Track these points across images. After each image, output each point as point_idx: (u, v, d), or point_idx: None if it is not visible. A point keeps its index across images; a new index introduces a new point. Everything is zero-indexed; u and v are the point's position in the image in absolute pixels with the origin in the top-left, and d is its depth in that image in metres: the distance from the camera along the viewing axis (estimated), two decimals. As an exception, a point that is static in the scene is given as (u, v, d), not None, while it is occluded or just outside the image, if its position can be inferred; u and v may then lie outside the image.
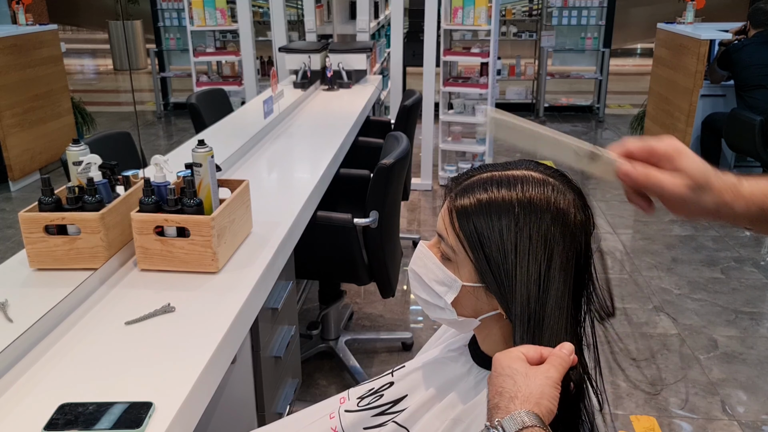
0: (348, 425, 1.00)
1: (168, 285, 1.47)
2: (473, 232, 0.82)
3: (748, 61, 4.21)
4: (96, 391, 1.09)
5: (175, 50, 7.23)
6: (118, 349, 1.22)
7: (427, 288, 0.89)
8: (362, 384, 1.08)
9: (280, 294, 1.77)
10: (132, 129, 2.45)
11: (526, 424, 0.67)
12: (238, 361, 1.54)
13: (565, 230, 0.82)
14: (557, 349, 0.76)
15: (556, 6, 6.88)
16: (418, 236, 4.06)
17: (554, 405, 0.71)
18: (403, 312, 3.19)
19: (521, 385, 0.71)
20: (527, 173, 0.85)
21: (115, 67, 5.90)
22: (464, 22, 4.58)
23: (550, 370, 0.73)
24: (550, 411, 0.70)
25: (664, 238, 3.98)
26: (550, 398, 0.71)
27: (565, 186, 0.85)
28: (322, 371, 2.71)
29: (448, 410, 0.89)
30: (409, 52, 6.08)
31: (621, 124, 6.74)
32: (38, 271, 1.47)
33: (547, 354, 0.76)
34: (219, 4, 5.02)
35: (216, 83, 5.15)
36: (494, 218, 0.81)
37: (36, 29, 3.98)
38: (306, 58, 3.77)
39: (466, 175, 0.88)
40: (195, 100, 3.16)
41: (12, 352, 1.18)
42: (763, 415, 2.41)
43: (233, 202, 1.60)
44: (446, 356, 0.98)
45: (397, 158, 2.23)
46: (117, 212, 1.51)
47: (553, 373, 0.73)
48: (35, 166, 3.62)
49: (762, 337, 2.88)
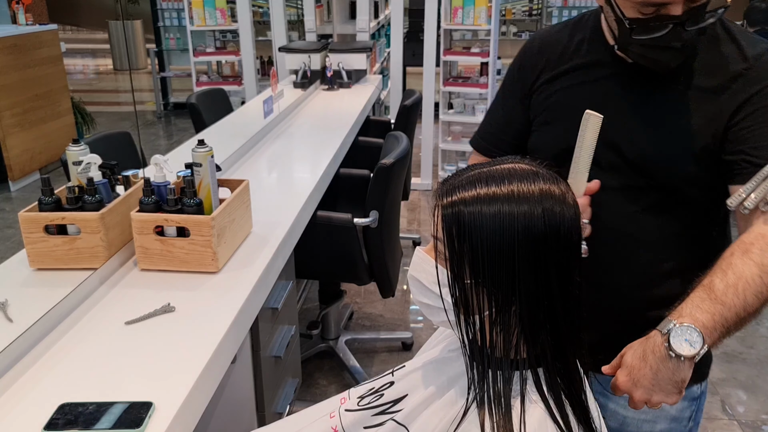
0: (348, 424, 1.00)
1: (168, 285, 1.47)
2: (464, 228, 0.82)
3: None
4: (96, 391, 1.09)
5: (175, 50, 7.22)
6: (118, 349, 1.22)
7: (427, 291, 0.89)
8: (363, 384, 1.08)
9: (280, 294, 1.77)
10: (132, 129, 2.45)
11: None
12: (238, 361, 1.54)
13: (561, 219, 0.81)
14: None
15: (556, 6, 6.89)
16: (418, 236, 4.06)
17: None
18: (403, 312, 3.19)
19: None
20: (514, 166, 0.85)
21: (115, 67, 5.91)
22: (464, 22, 4.58)
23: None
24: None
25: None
26: None
27: (554, 176, 0.85)
28: (322, 371, 2.71)
29: (447, 408, 0.89)
30: (409, 52, 6.08)
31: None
32: (38, 271, 1.47)
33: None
34: (219, 4, 5.03)
35: (216, 83, 5.15)
36: (484, 212, 0.81)
37: (36, 29, 3.98)
38: (306, 58, 3.77)
39: (453, 176, 0.88)
40: (195, 100, 3.16)
41: (12, 352, 1.18)
42: (763, 414, 2.41)
43: (233, 202, 1.60)
44: (446, 356, 0.98)
45: (397, 158, 2.23)
46: (117, 212, 1.51)
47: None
48: (35, 166, 3.62)
49: (762, 337, 2.88)
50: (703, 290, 0.96)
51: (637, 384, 0.95)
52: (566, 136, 1.07)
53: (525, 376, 0.83)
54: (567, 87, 1.16)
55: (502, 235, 0.79)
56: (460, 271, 0.83)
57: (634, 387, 0.95)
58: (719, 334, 0.93)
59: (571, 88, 1.16)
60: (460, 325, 0.85)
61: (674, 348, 0.91)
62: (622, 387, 0.97)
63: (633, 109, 1.09)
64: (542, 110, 1.20)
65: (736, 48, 1.06)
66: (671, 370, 0.92)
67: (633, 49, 1.04)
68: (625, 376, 0.96)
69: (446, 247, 0.83)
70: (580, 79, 1.15)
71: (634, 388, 0.95)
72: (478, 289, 0.82)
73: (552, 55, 1.19)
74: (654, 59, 1.03)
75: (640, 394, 0.95)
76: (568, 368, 0.84)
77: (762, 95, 1.02)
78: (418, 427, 0.91)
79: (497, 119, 1.31)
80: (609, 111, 1.03)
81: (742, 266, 0.96)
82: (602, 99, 1.11)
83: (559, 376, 0.83)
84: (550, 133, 1.18)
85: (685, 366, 0.92)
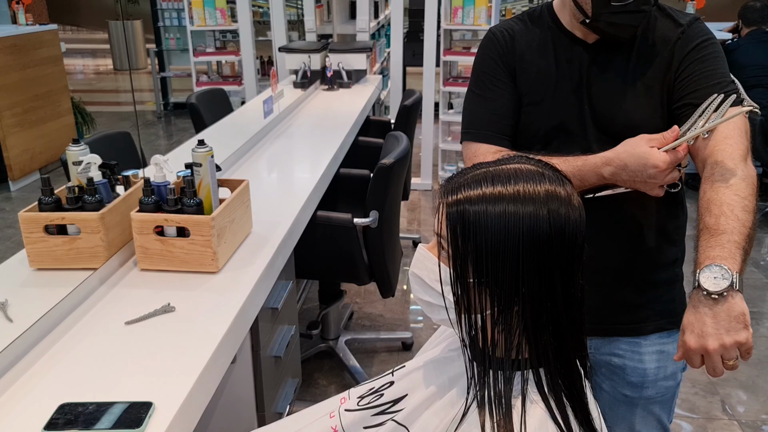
0: (348, 424, 1.00)
1: (168, 285, 1.47)
2: (469, 227, 0.81)
3: (745, 61, 4.20)
4: (96, 391, 1.09)
5: (175, 50, 7.22)
6: (118, 349, 1.22)
7: (429, 289, 0.89)
8: (363, 384, 1.08)
9: (280, 294, 1.77)
10: (132, 129, 2.45)
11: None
12: (238, 361, 1.54)
13: (566, 221, 0.81)
14: None
15: (556, 6, 6.88)
16: (418, 236, 4.06)
17: None
18: (403, 312, 3.19)
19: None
20: (520, 166, 0.85)
21: (115, 67, 5.91)
22: (464, 22, 4.58)
23: None
24: None
25: (664, 238, 3.98)
26: None
27: (560, 177, 0.85)
28: (322, 371, 2.71)
29: (447, 408, 0.89)
30: (409, 52, 6.08)
31: (621, 123, 6.74)
32: (38, 271, 1.47)
33: None
34: (219, 4, 5.03)
35: (216, 83, 5.15)
36: (490, 211, 0.80)
37: (36, 29, 3.99)
38: (306, 58, 3.77)
39: (458, 175, 0.88)
40: (195, 100, 3.16)
41: (12, 352, 1.18)
42: (763, 414, 2.41)
43: (233, 202, 1.60)
44: (446, 356, 0.97)
45: (397, 158, 2.23)
46: (117, 212, 1.51)
47: None
48: (35, 165, 3.63)
49: (762, 337, 2.88)
50: (703, 234, 1.04)
51: (704, 335, 0.97)
52: (551, 114, 1.26)
53: (526, 376, 0.83)
54: (544, 69, 1.28)
55: (506, 235, 0.79)
56: (463, 269, 0.83)
57: (704, 339, 0.97)
58: (739, 256, 1.00)
59: (547, 69, 1.28)
60: (460, 323, 0.85)
61: (711, 290, 0.96)
62: (695, 346, 0.98)
63: (604, 82, 1.25)
64: (526, 91, 1.29)
65: (671, 21, 1.25)
66: (725, 309, 0.96)
67: (605, 19, 1.17)
68: (691, 336, 0.98)
69: (450, 245, 0.83)
70: (549, 60, 1.28)
71: (704, 340, 0.97)
72: (480, 288, 0.82)
73: (520, 42, 1.30)
74: (624, 25, 1.18)
75: (712, 342, 0.96)
76: (570, 369, 0.84)
77: (697, 49, 1.21)
78: (419, 427, 0.91)
79: (496, 107, 1.32)
80: (585, 87, 1.24)
81: (718, 195, 1.06)
82: (577, 77, 1.26)
83: (560, 377, 0.83)
84: (537, 113, 1.28)
85: (735, 299, 0.96)
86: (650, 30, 1.25)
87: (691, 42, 1.22)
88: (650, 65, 1.23)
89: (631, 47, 1.24)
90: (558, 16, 1.30)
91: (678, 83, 1.22)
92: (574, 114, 1.26)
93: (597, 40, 1.25)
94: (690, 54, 1.21)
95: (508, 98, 1.31)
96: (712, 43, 1.23)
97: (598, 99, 1.25)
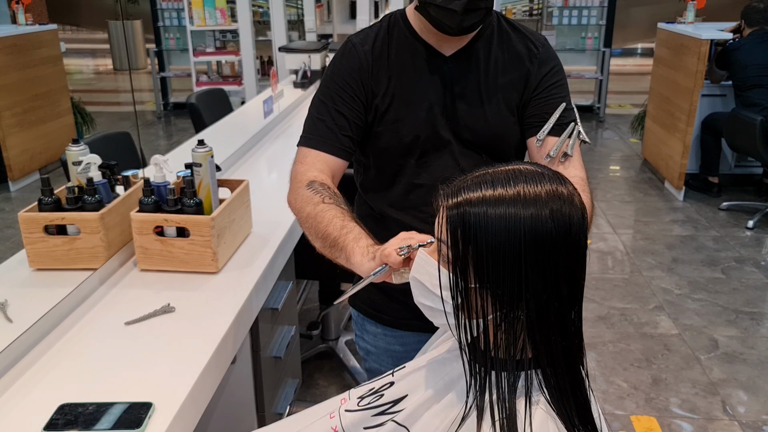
0: (348, 425, 1.00)
1: (168, 285, 1.46)
2: (470, 230, 0.81)
3: (746, 61, 4.21)
4: (96, 391, 1.09)
5: (175, 50, 7.22)
6: (118, 349, 1.22)
7: (430, 294, 0.89)
8: (363, 384, 1.08)
9: (280, 294, 1.77)
10: (132, 129, 2.45)
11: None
12: (238, 361, 1.54)
13: (570, 220, 0.80)
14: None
15: (556, 6, 6.88)
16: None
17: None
18: (403, 312, 3.18)
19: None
20: (519, 167, 0.84)
21: (114, 67, 5.92)
22: (464, 22, 4.57)
23: None
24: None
25: (664, 238, 3.98)
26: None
27: (560, 177, 0.84)
28: (322, 371, 2.71)
29: (448, 409, 0.89)
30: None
31: (621, 123, 6.74)
32: (38, 271, 1.47)
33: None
34: (219, 4, 5.03)
35: (216, 83, 5.16)
36: (490, 214, 0.80)
37: (36, 29, 3.99)
38: (306, 58, 3.77)
39: (459, 178, 0.87)
40: (195, 100, 3.16)
41: (12, 352, 1.18)
42: (763, 415, 2.41)
43: (233, 202, 1.60)
44: (446, 356, 0.97)
45: (397, 158, 2.22)
46: (117, 212, 1.51)
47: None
48: (35, 166, 3.62)
49: (762, 337, 2.88)
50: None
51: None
52: (414, 129, 1.26)
53: (530, 377, 0.83)
54: (403, 84, 1.27)
55: (507, 236, 0.79)
56: (464, 273, 0.82)
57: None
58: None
59: (408, 84, 1.27)
60: (459, 327, 0.84)
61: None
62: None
63: (461, 94, 1.27)
64: (387, 107, 1.28)
65: (524, 38, 1.30)
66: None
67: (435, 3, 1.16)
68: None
69: (450, 249, 0.83)
70: (409, 75, 1.27)
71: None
72: (482, 292, 0.82)
73: (380, 57, 1.28)
74: (451, 11, 1.15)
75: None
76: (573, 369, 0.84)
77: (551, 74, 1.29)
78: (419, 428, 0.91)
79: (340, 121, 1.29)
80: (443, 99, 1.26)
81: None
82: (441, 91, 1.27)
83: (567, 376, 0.83)
84: (401, 128, 1.28)
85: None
86: (504, 44, 1.28)
87: (546, 64, 1.29)
88: (507, 79, 1.28)
89: (487, 60, 1.27)
90: (411, 24, 1.28)
91: (533, 101, 1.28)
92: (438, 128, 1.26)
93: (453, 53, 1.26)
94: (546, 77, 1.28)
95: (356, 114, 1.28)
96: (561, 69, 1.32)
97: (461, 113, 1.27)
